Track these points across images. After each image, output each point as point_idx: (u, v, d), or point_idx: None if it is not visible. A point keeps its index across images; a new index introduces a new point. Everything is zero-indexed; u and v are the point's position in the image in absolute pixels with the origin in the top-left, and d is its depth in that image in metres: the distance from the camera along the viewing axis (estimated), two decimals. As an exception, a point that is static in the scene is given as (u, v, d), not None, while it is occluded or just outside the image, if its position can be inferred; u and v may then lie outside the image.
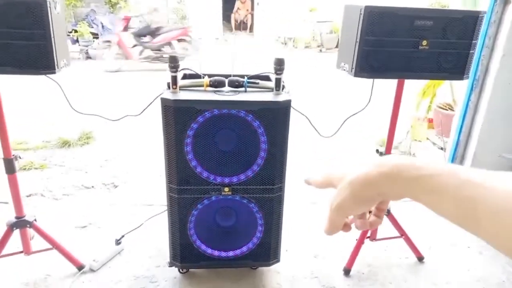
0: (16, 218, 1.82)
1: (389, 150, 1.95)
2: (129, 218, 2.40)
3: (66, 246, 1.94)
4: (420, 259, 2.15)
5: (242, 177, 1.67)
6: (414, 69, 1.65)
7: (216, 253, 1.83)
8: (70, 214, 2.47)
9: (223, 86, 1.65)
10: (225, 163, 1.65)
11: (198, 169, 1.63)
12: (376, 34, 1.55)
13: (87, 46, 7.83)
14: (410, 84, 1.93)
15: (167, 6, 9.51)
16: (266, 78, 1.79)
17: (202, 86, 1.64)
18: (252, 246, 1.83)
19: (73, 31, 7.93)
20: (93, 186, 2.85)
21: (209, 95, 1.57)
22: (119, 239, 2.14)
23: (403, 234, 2.11)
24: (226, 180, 1.67)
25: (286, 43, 10.77)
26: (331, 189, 0.50)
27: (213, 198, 1.70)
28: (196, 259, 1.83)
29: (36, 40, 1.35)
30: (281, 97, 1.59)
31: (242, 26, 12.38)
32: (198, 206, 1.71)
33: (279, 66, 1.56)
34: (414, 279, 2.01)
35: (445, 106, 3.76)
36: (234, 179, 1.67)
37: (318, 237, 2.31)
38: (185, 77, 1.79)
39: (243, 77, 1.68)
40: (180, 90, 1.59)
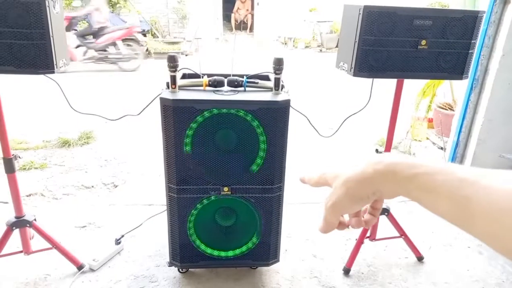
0: (15, 217, 1.82)
1: (388, 149, 1.95)
2: (129, 218, 2.40)
3: (66, 245, 1.94)
4: (419, 259, 2.15)
5: (242, 177, 1.67)
6: (413, 68, 1.65)
7: (215, 252, 1.84)
8: (70, 213, 2.47)
9: (223, 86, 1.65)
10: (224, 163, 1.64)
11: (198, 169, 1.63)
12: (375, 33, 1.55)
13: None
14: (410, 83, 1.93)
15: (167, 6, 9.50)
16: (266, 78, 1.79)
17: (201, 85, 1.64)
18: (251, 246, 1.83)
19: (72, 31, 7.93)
20: (93, 186, 2.86)
21: (208, 95, 1.57)
22: (119, 239, 2.14)
23: (403, 234, 2.12)
24: (226, 180, 1.67)
25: (286, 43, 10.77)
26: (327, 187, 0.50)
27: (212, 198, 1.70)
28: (195, 259, 1.83)
29: (35, 39, 1.35)
30: (280, 96, 1.59)
31: (242, 26, 12.37)
32: (198, 206, 1.71)
33: (278, 65, 1.56)
34: (413, 279, 2.01)
35: (445, 106, 3.76)
36: (234, 179, 1.67)
37: (318, 237, 2.31)
38: (184, 76, 1.79)
39: (243, 76, 1.68)
40: (179, 89, 1.59)
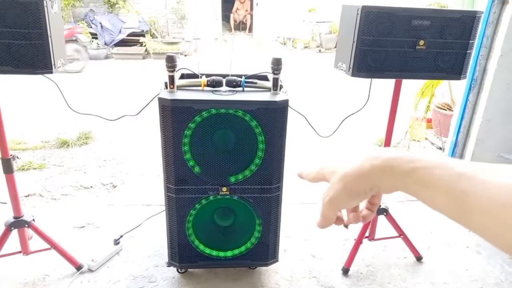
0: (14, 218, 1.82)
1: (387, 149, 1.95)
2: (127, 218, 2.40)
3: (64, 246, 1.94)
4: (418, 259, 2.15)
5: (240, 177, 1.67)
6: (411, 69, 1.65)
7: (214, 253, 1.84)
8: (69, 214, 2.47)
9: (221, 86, 1.65)
10: (222, 163, 1.64)
11: (196, 169, 1.63)
12: (373, 34, 1.55)
13: (86, 47, 7.81)
14: (408, 84, 1.93)
15: (166, 7, 9.50)
16: (264, 78, 1.79)
17: (199, 86, 1.64)
18: (250, 246, 1.83)
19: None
20: (91, 186, 2.85)
21: (206, 95, 1.57)
22: (118, 239, 2.14)
23: (402, 234, 2.12)
24: (224, 180, 1.67)
25: (285, 44, 10.78)
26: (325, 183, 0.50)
27: (211, 198, 1.70)
28: (194, 259, 1.83)
29: (33, 39, 1.35)
30: (278, 96, 1.59)
31: (241, 26, 12.37)
32: (196, 206, 1.71)
33: (277, 65, 1.56)
34: (412, 279, 2.01)
35: (443, 106, 3.76)
36: (232, 179, 1.67)
37: (316, 236, 2.31)
38: (182, 77, 1.79)
39: (241, 77, 1.68)
40: (177, 89, 1.59)
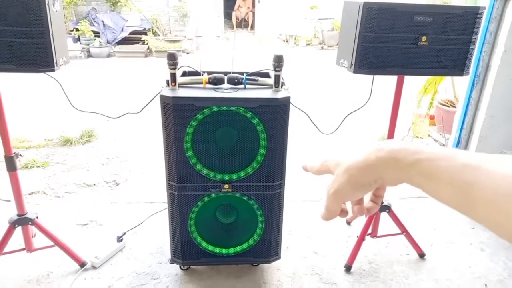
0: (18, 215, 1.83)
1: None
2: (130, 216, 2.41)
3: (68, 243, 1.95)
4: (421, 256, 2.14)
5: (242, 174, 1.67)
6: (413, 65, 1.65)
7: (216, 250, 1.84)
8: (72, 211, 2.48)
9: (223, 83, 1.65)
10: (224, 160, 1.65)
11: (198, 166, 1.63)
12: (375, 30, 1.54)
13: (89, 45, 7.83)
14: (411, 80, 1.93)
15: (168, 5, 9.49)
16: (266, 75, 1.79)
17: (201, 83, 1.64)
18: (252, 243, 1.84)
19: (74, 30, 7.95)
20: (95, 184, 2.87)
21: (208, 92, 1.57)
22: (121, 236, 2.15)
23: (404, 230, 2.12)
24: (226, 177, 1.67)
25: (287, 41, 10.74)
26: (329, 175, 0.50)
27: (213, 195, 1.71)
28: (197, 256, 1.84)
29: (34, 37, 1.35)
30: (280, 94, 1.58)
31: (243, 24, 12.35)
32: (198, 203, 1.72)
33: (278, 63, 1.56)
34: (415, 276, 2.01)
35: (446, 103, 3.75)
36: (234, 176, 1.67)
37: (319, 234, 2.31)
38: (184, 74, 1.79)
39: (243, 74, 1.68)
40: (179, 87, 1.59)
